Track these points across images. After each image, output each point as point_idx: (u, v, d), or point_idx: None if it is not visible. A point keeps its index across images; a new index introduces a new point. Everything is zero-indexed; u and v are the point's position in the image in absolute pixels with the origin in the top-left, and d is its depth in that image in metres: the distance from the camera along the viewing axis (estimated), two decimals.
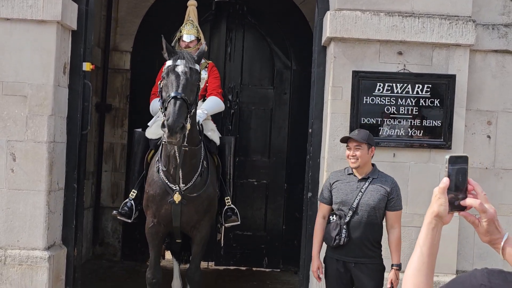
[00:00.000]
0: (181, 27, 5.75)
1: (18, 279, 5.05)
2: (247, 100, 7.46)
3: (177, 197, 4.68)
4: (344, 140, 4.18)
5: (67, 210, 5.38)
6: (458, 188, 1.66)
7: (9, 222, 5.08)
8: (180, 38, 5.70)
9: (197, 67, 4.48)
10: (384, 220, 4.18)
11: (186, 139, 4.33)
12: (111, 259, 7.38)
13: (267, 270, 7.37)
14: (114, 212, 5.20)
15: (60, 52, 5.17)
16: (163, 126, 4.12)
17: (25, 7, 5.01)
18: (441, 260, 4.85)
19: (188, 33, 5.66)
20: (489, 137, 5.25)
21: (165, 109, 4.22)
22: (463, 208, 1.66)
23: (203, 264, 6.46)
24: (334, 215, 4.13)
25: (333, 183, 4.20)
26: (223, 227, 5.52)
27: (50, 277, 5.09)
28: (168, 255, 7.33)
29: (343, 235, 4.05)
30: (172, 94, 4.22)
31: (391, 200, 4.12)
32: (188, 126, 4.23)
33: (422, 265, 1.62)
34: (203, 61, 5.75)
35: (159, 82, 4.53)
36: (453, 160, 1.66)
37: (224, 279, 6.89)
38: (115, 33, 7.53)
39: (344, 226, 4.06)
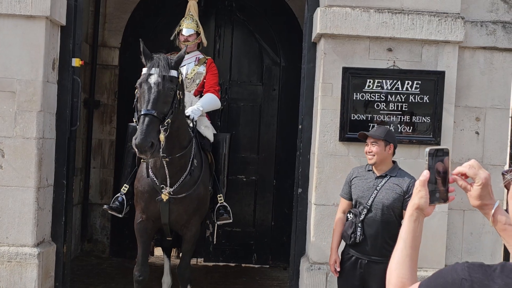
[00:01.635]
0: (181, 21, 5.76)
1: (7, 275, 5.02)
2: (236, 97, 7.46)
3: (164, 196, 4.65)
4: (362, 136, 4.17)
5: (56, 206, 5.35)
6: (439, 180, 1.68)
7: None
8: (179, 32, 5.70)
9: (173, 73, 4.35)
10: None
11: (163, 150, 4.25)
12: (99, 256, 7.35)
13: (256, 266, 7.39)
14: (105, 206, 5.18)
15: (49, 47, 5.13)
16: (133, 144, 4.08)
17: (13, 2, 4.97)
18: (430, 255, 4.93)
19: (187, 27, 5.67)
20: (477, 133, 5.30)
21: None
22: (444, 200, 1.69)
23: (192, 261, 6.46)
24: (351, 213, 4.13)
25: (352, 179, 4.19)
26: (214, 224, 5.52)
27: (39, 273, 5.06)
28: (157, 251, 7.32)
29: (358, 233, 4.04)
30: (142, 112, 4.14)
31: (407, 200, 3.95)
32: (162, 137, 4.13)
33: (406, 257, 1.64)
34: (201, 56, 5.76)
35: (135, 92, 4.42)
36: (433, 153, 1.69)
37: (213, 275, 6.89)
38: (103, 28, 7.49)
39: (359, 224, 4.05)
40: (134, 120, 4.35)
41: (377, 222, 4.03)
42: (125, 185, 5.11)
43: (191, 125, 4.97)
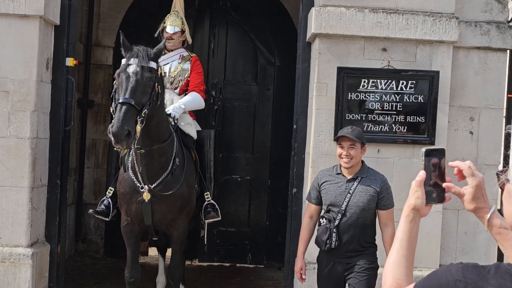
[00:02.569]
0: (166, 18, 5.65)
1: (1, 276, 5.00)
2: (231, 96, 7.45)
3: (146, 196, 4.58)
4: (338, 138, 4.04)
5: (50, 206, 5.33)
6: (436, 180, 1.68)
7: None
8: (163, 29, 5.62)
9: (152, 64, 4.29)
10: (377, 218, 4.09)
11: (138, 142, 4.21)
12: (94, 256, 7.33)
13: (251, 266, 7.38)
14: (91, 210, 5.12)
15: (43, 47, 5.11)
16: (109, 132, 4.01)
17: (7, 1, 4.94)
18: (425, 254, 4.93)
19: (171, 24, 5.56)
20: (471, 133, 5.31)
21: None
22: (440, 200, 1.69)
23: (187, 261, 6.45)
24: (324, 218, 4.03)
25: (321, 184, 4.06)
26: (205, 223, 5.48)
27: (33, 274, 5.04)
28: (152, 251, 7.30)
29: (334, 239, 3.95)
30: (120, 100, 4.08)
31: (382, 199, 3.99)
32: (138, 129, 4.07)
33: (401, 258, 1.64)
34: (186, 53, 5.69)
35: (114, 82, 4.38)
36: (429, 153, 1.69)
37: (207, 276, 6.88)
38: (97, 28, 7.47)
39: (334, 230, 3.94)
40: (111, 110, 4.28)
41: (352, 226, 3.96)
42: (110, 188, 5.05)
43: (172, 123, 4.91)
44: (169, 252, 6.24)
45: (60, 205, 5.38)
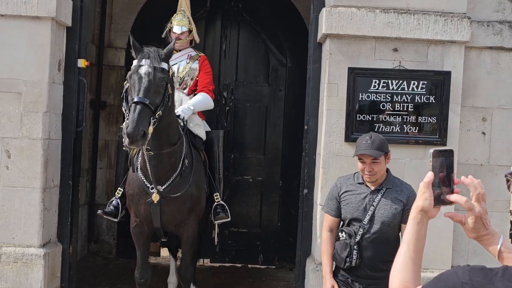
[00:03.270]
0: (172, 18, 5.64)
1: (13, 276, 5.04)
2: (242, 97, 7.46)
3: (155, 197, 4.58)
4: (362, 155, 3.58)
5: (62, 207, 5.36)
6: (444, 181, 1.66)
7: (4, 219, 5.06)
8: (170, 30, 5.61)
9: (163, 65, 4.27)
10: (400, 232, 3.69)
11: (149, 143, 4.17)
12: (106, 257, 7.36)
13: (263, 267, 7.38)
14: (99, 211, 5.12)
15: (55, 48, 5.15)
16: (123, 133, 3.98)
17: (19, 3, 4.98)
18: (436, 256, 4.90)
19: (178, 24, 5.54)
20: (484, 133, 5.27)
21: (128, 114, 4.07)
22: (449, 202, 1.67)
23: (199, 261, 6.47)
24: (344, 232, 3.65)
25: (342, 194, 3.69)
26: (215, 224, 5.48)
27: (45, 274, 5.07)
28: (163, 252, 7.33)
29: (354, 257, 3.59)
30: (135, 99, 4.04)
31: (407, 212, 3.43)
32: (151, 129, 4.03)
33: (409, 260, 1.62)
34: (194, 53, 5.68)
35: (124, 83, 4.36)
36: (437, 154, 1.66)
37: (219, 276, 6.89)
38: (109, 29, 7.50)
39: (355, 247, 3.59)
40: (123, 110, 4.26)
41: (375, 243, 3.59)
42: (119, 188, 5.06)
43: (181, 124, 4.91)
44: (180, 252, 6.28)
45: (72, 206, 5.41)
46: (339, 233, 3.68)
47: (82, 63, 5.37)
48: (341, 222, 3.75)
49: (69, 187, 5.37)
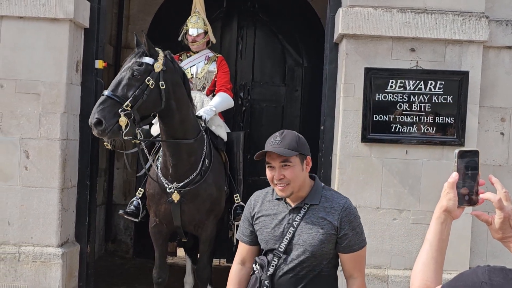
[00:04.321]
0: (187, 20, 5.67)
1: (32, 275, 5.09)
2: (259, 97, 7.46)
3: (175, 196, 4.60)
4: (261, 154, 2.70)
5: (80, 207, 5.41)
6: (468, 182, 1.65)
7: (23, 219, 5.12)
8: (186, 32, 5.64)
9: (145, 60, 4.28)
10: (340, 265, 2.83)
11: (138, 135, 4.24)
12: (123, 256, 7.41)
13: None
14: (121, 211, 5.16)
15: (73, 50, 5.19)
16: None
17: (38, 5, 5.03)
18: (454, 257, 4.86)
19: (193, 27, 5.57)
20: (502, 134, 5.22)
21: None
22: (473, 203, 1.66)
23: (215, 261, 6.48)
24: (256, 264, 2.80)
25: (255, 214, 2.82)
26: (234, 224, 5.50)
27: (63, 273, 5.12)
28: (180, 252, 7.35)
29: None
30: (103, 93, 4.22)
31: (344, 238, 2.69)
32: (123, 120, 4.07)
33: (431, 259, 1.63)
34: (211, 54, 5.71)
35: None
36: (462, 155, 1.66)
37: None
38: (126, 30, 7.55)
39: (267, 282, 2.72)
40: None
41: (296, 279, 2.71)
42: (140, 189, 5.10)
43: (203, 125, 4.93)
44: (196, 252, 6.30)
45: (89, 206, 5.46)
46: (253, 265, 2.83)
47: (99, 64, 5.41)
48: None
49: (86, 187, 5.41)
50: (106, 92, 4.17)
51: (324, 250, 2.71)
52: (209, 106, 5.22)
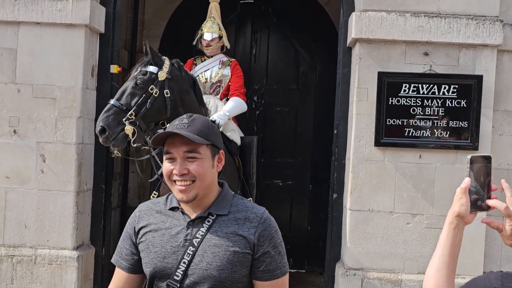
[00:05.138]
0: (202, 25, 5.72)
1: (48, 278, 5.15)
2: (272, 101, 7.48)
3: None
4: (159, 140, 2.05)
5: (95, 210, 5.46)
6: (481, 188, 1.66)
7: (39, 222, 5.18)
8: (201, 37, 5.69)
9: (149, 68, 4.35)
10: None
11: (140, 140, 4.31)
12: None
13: (292, 270, 7.38)
14: None
15: (88, 55, 5.25)
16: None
17: (54, 11, 5.10)
18: (468, 262, 4.85)
19: (208, 31, 5.62)
20: None
21: None
22: (485, 208, 1.67)
23: None
24: None
25: (140, 230, 2.11)
26: None
27: (79, 276, 5.17)
28: None
29: None
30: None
31: (262, 258, 2.03)
32: (129, 129, 4.16)
33: (443, 265, 1.63)
34: (225, 59, 5.75)
35: None
36: (475, 160, 1.67)
37: None
38: (141, 35, 7.61)
39: None
40: None
41: None
42: (154, 192, 5.14)
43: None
44: None
45: (104, 209, 5.51)
46: None
47: (114, 69, 5.47)
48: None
49: (102, 191, 5.46)
50: (111, 101, 4.27)
51: (236, 276, 2.00)
52: (223, 111, 5.25)
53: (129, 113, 4.21)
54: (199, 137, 2.01)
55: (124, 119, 4.18)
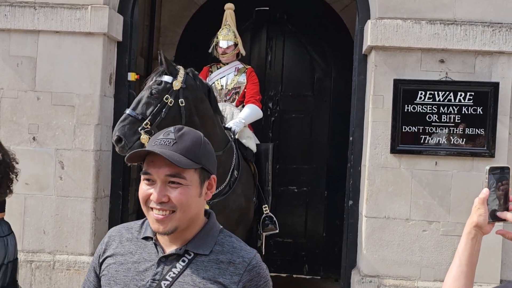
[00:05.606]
0: (218, 33, 5.77)
1: (66, 283, 5.21)
2: (287, 108, 7.51)
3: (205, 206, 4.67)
4: (137, 156, 1.76)
5: (112, 216, 5.52)
6: (498, 198, 1.68)
7: (57, 228, 5.25)
8: (217, 44, 5.73)
9: (164, 78, 4.38)
10: None
11: None
12: None
13: (308, 277, 7.39)
14: None
15: (106, 63, 5.32)
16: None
17: (73, 20, 5.18)
18: (484, 269, 4.83)
19: (224, 39, 5.67)
20: None
21: None
22: (503, 219, 1.68)
23: None
24: None
25: (104, 261, 1.82)
26: (263, 235, 5.54)
27: None
28: None
29: None
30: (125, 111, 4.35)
31: None
32: (144, 138, 4.18)
33: (461, 274, 1.65)
34: (241, 66, 5.79)
35: None
36: (493, 170, 1.68)
37: None
38: (157, 42, 7.68)
39: None
40: None
41: None
42: None
43: (232, 136, 5.00)
44: None
45: (122, 215, 5.56)
46: None
47: (132, 76, 5.53)
48: None
49: (119, 197, 5.52)
50: (127, 111, 4.32)
51: None
52: (239, 118, 5.28)
53: (145, 122, 4.26)
54: (186, 159, 1.65)
55: (139, 128, 4.23)
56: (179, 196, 1.66)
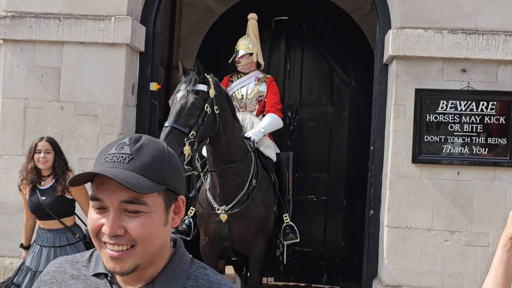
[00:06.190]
0: (238, 42, 5.83)
1: None
2: (306, 117, 7.52)
3: (223, 216, 4.71)
4: (80, 179, 1.28)
5: None
6: None
7: None
8: (236, 53, 5.79)
9: (200, 87, 4.40)
10: None
11: (210, 164, 4.39)
12: None
13: (327, 286, 7.37)
14: (173, 229, 5.24)
15: (129, 73, 5.38)
16: None
17: (97, 31, 5.24)
18: None
19: (239, 48, 5.73)
20: None
21: None
22: None
23: (263, 280, 6.52)
24: None
25: None
26: (283, 244, 5.54)
27: None
28: (228, 270, 7.43)
29: None
30: (165, 124, 4.32)
31: None
32: (187, 149, 4.19)
33: (497, 286, 1.65)
34: (261, 75, 5.82)
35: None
36: None
37: None
38: (177, 52, 7.74)
39: None
40: None
41: None
42: (191, 208, 5.20)
43: (252, 145, 5.02)
44: (244, 271, 6.35)
45: None
46: None
47: (154, 86, 5.58)
48: None
49: None
50: (168, 123, 4.28)
51: None
52: (258, 128, 5.30)
53: (191, 133, 4.27)
54: (146, 181, 1.26)
55: (185, 139, 4.23)
56: (139, 228, 1.27)
